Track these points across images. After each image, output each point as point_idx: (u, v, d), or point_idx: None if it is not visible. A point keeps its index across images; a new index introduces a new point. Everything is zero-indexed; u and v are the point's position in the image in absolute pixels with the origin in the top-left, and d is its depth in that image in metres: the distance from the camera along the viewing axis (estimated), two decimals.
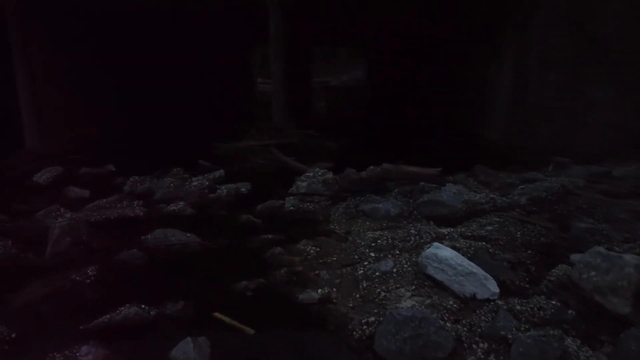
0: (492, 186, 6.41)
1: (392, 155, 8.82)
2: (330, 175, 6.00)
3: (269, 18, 8.09)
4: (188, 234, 4.60)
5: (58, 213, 5.31)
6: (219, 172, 7.28)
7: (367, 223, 4.94)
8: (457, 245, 3.86)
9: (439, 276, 3.43)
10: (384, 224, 4.87)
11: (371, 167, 7.48)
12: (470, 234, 4.28)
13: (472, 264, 3.44)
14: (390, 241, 4.26)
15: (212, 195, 6.35)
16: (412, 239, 4.25)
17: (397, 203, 5.21)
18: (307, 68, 15.57)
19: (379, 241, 4.27)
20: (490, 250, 3.88)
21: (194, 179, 6.93)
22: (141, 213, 5.42)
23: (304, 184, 5.91)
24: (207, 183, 6.60)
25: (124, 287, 3.72)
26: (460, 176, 7.11)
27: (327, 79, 32.28)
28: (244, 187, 6.75)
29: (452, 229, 4.35)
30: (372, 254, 4.06)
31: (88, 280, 3.71)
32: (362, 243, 4.35)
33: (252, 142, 8.36)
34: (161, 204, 5.86)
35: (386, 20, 11.68)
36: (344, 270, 3.89)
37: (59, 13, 9.14)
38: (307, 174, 6.11)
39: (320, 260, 4.11)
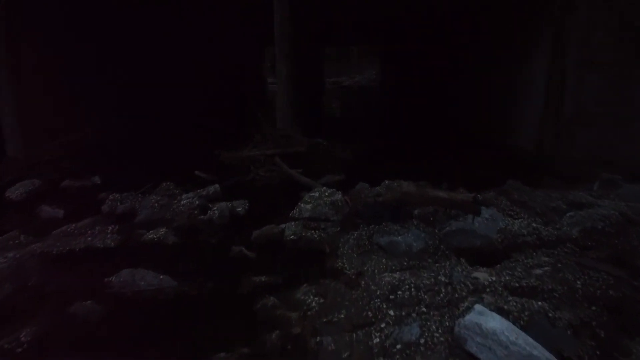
0: (530, 209, 5.44)
1: (408, 166, 7.96)
2: (339, 196, 5.09)
3: (275, 12, 7.20)
4: (161, 276, 3.73)
5: (16, 242, 4.48)
6: (214, 188, 6.42)
7: (384, 260, 4.02)
8: (505, 306, 2.92)
9: (484, 357, 2.51)
10: (405, 263, 3.95)
11: (386, 182, 6.56)
12: (517, 283, 3.34)
13: (530, 341, 2.52)
14: (414, 292, 3.33)
15: (202, 217, 5.48)
16: (443, 290, 3.31)
17: (419, 235, 4.28)
18: (317, 68, 14.67)
19: (399, 292, 3.34)
20: (550, 313, 2.93)
21: (184, 196, 6.07)
22: (112, 243, 4.56)
23: (308, 206, 5.00)
24: (197, 202, 5.72)
25: None
26: (489, 195, 6.15)
27: (340, 79, 31.49)
28: (240, 206, 5.89)
29: (493, 278, 3.40)
30: (391, 312, 3.14)
31: (19, 349, 2.85)
32: (378, 292, 3.43)
33: (255, 150, 7.48)
34: (141, 230, 5.00)
35: (404, 17, 10.72)
36: (354, 335, 2.98)
37: (49, 7, 8.35)
38: (312, 193, 5.20)
39: (325, 319, 3.20)
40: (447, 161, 8.38)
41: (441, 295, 3.25)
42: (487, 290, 3.24)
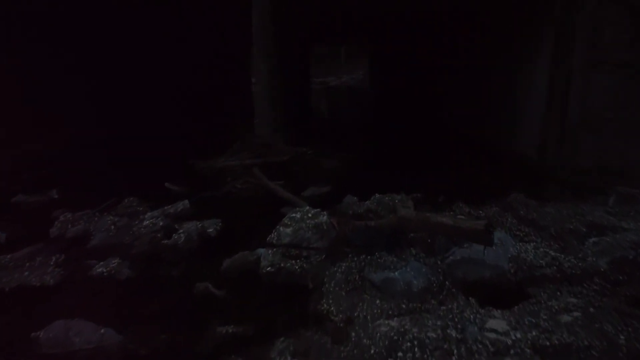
0: (541, 229, 4.80)
1: (401, 175, 7.28)
2: (324, 217, 4.38)
3: (253, 4, 6.47)
4: (103, 330, 2.99)
5: None
6: (183, 204, 5.69)
7: (378, 302, 3.33)
8: None
9: None
10: (404, 306, 3.26)
11: (377, 195, 5.90)
12: (547, 341, 2.66)
13: None
14: (418, 352, 2.64)
15: (166, 241, 4.74)
16: (455, 350, 2.62)
17: (420, 268, 3.60)
18: (303, 67, 13.94)
19: (399, 352, 2.65)
20: None
21: (148, 214, 5.33)
22: (52, 280, 3.80)
23: (289, 230, 4.29)
24: (161, 223, 4.98)
25: None
26: (492, 210, 5.52)
27: (328, 79, 30.78)
28: (212, 226, 5.17)
29: (517, 335, 2.72)
30: None
31: None
32: (372, 350, 2.74)
33: (232, 160, 6.75)
34: (91, 260, 4.25)
35: (395, 15, 10.05)
36: None
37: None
38: (293, 214, 4.48)
39: None
40: (442, 169, 7.72)
41: (453, 358, 2.56)
42: (511, 352, 2.56)
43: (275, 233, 4.37)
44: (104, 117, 8.73)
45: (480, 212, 5.46)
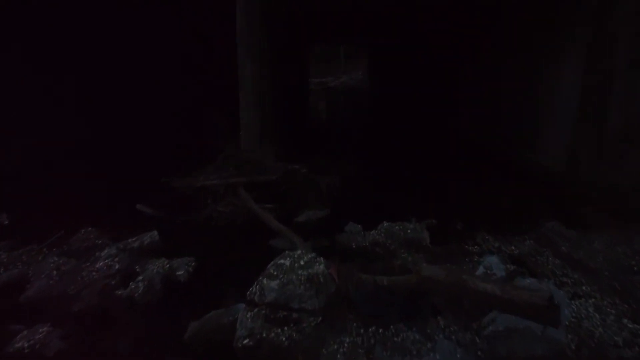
0: (593, 272, 3.82)
1: (410, 195, 6.30)
2: (320, 267, 3.37)
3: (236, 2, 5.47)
4: None
5: None
6: (150, 236, 4.72)
7: None
8: None
9: None
10: None
11: (385, 224, 4.96)
12: None
13: None
14: None
15: (121, 291, 3.74)
16: None
17: (453, 351, 2.60)
18: (300, 70, 12.92)
19: None
20: None
21: (104, 252, 4.33)
22: None
23: (274, 283, 3.29)
24: (117, 266, 3.98)
25: None
26: (525, 244, 4.54)
27: (326, 80, 29.80)
28: (182, 268, 4.19)
29: None
30: None
31: None
32: None
33: (214, 178, 5.75)
34: (16, 325, 3.25)
35: (400, 7, 9.03)
36: None
37: None
38: (281, 261, 3.49)
39: None
40: (457, 186, 6.73)
41: None
42: None
43: (258, 286, 3.37)
44: (68, 125, 7.60)
45: (512, 247, 4.48)
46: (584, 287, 3.63)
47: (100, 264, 4.08)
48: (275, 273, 3.38)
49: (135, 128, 7.31)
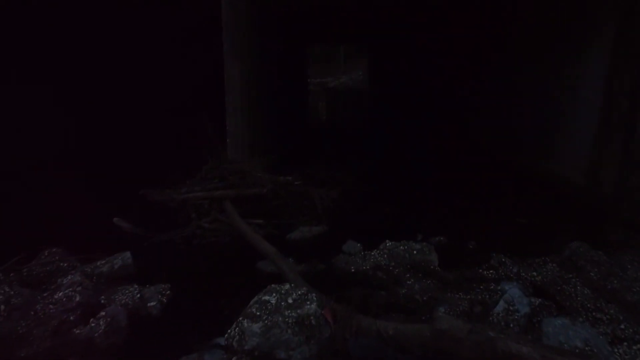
0: (634, 309, 3.27)
1: (417, 209, 5.75)
2: (312, 306, 2.82)
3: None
4: None
5: None
6: (122, 259, 4.19)
7: None
8: None
9: None
10: None
11: (388, 243, 4.42)
12: None
13: None
14: None
15: (79, 330, 3.19)
16: None
17: None
18: (297, 71, 12.36)
19: None
20: None
21: (68, 278, 3.75)
22: None
23: (257, 326, 2.74)
24: (78, 298, 3.42)
25: None
26: (547, 269, 3.98)
27: (325, 80, 29.25)
28: (154, 299, 3.65)
29: None
30: None
31: None
32: None
33: (197, 190, 5.20)
34: None
35: (406, 6, 8.47)
36: None
37: None
38: (265, 297, 2.93)
39: None
40: (466, 199, 6.17)
41: None
42: None
43: (237, 329, 2.82)
44: (39, 130, 6.92)
45: (534, 272, 3.93)
46: (622, 326, 3.09)
47: (60, 294, 3.51)
48: (258, 313, 2.84)
49: (113, 135, 6.70)
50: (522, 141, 7.52)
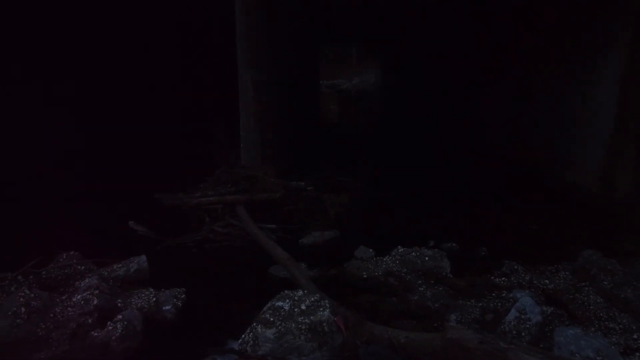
0: None
1: (428, 215, 5.76)
2: (325, 313, 2.85)
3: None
4: None
5: None
6: (137, 263, 4.24)
7: None
8: None
9: None
10: None
11: (400, 248, 4.45)
12: None
13: None
14: None
15: (97, 333, 3.26)
16: None
17: None
18: (309, 74, 12.39)
19: None
20: None
21: (85, 281, 3.83)
22: None
23: (270, 332, 2.78)
24: (96, 301, 3.49)
25: None
26: (560, 277, 3.98)
27: (337, 82, 29.22)
28: (169, 303, 3.71)
29: None
30: None
31: None
32: None
33: (210, 194, 5.27)
34: None
35: (416, 6, 8.47)
36: None
37: None
38: (278, 303, 2.98)
39: None
40: (478, 205, 6.16)
41: None
42: None
43: (251, 334, 2.87)
44: (57, 133, 6.94)
45: (546, 280, 3.93)
46: (634, 336, 3.08)
47: (78, 297, 3.59)
48: (271, 319, 2.88)
49: (128, 139, 6.75)
50: (537, 147, 7.48)
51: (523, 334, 2.99)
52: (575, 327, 2.98)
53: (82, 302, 3.55)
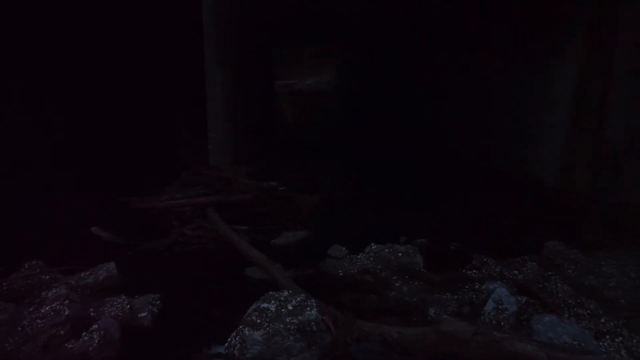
0: (612, 303, 3.46)
1: (396, 212, 5.86)
2: (313, 312, 2.86)
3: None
4: None
5: None
6: (107, 270, 4.11)
7: None
8: None
9: None
10: None
11: (373, 246, 4.50)
12: None
13: None
14: None
15: (71, 345, 3.12)
16: None
17: None
18: (267, 74, 12.35)
19: None
20: None
21: (53, 291, 3.66)
22: None
23: (258, 334, 2.76)
24: (67, 311, 3.34)
25: None
26: (527, 267, 4.15)
27: (291, 82, 29.12)
28: (145, 309, 3.60)
29: None
30: None
31: None
32: None
33: (180, 197, 5.15)
34: None
35: (372, 10, 8.60)
36: None
37: None
38: (264, 305, 2.95)
39: None
40: (444, 201, 6.33)
41: None
42: None
43: (238, 337, 2.83)
44: (18, 136, 6.72)
45: (515, 271, 4.09)
46: (602, 320, 3.25)
47: (47, 308, 3.42)
48: (258, 321, 2.85)
49: (93, 141, 6.52)
50: (498, 145, 7.75)
51: (502, 323, 3.09)
52: (549, 314, 3.11)
53: (52, 313, 3.39)
